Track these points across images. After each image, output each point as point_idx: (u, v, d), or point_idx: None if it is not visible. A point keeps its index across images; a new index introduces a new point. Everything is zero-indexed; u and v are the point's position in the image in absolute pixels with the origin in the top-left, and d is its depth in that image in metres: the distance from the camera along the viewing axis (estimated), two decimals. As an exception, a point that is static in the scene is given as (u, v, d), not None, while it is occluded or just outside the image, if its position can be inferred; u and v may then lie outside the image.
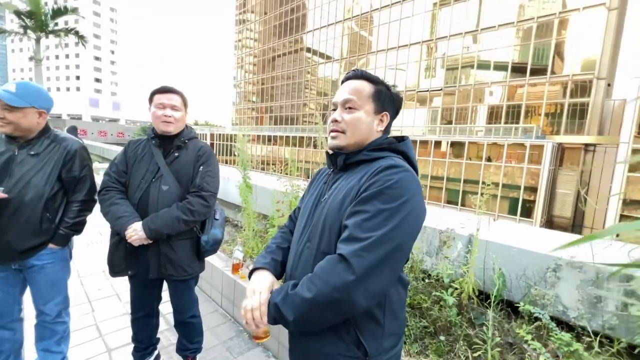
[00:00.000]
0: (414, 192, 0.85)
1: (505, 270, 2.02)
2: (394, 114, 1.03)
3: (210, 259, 2.84)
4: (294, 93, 38.42)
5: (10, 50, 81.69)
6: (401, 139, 1.01)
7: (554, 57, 19.39)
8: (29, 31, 14.28)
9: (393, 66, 27.78)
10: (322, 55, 34.91)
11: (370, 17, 29.64)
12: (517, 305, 1.84)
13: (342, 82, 1.04)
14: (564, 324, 1.77)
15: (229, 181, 4.63)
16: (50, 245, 1.64)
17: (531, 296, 1.88)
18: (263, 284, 0.94)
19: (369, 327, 0.90)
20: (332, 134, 1.01)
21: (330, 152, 1.04)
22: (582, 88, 18.49)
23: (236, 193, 3.55)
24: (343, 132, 0.98)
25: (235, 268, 2.62)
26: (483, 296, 2.08)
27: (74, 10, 15.16)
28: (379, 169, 0.87)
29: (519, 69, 20.84)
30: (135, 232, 1.51)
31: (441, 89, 24.69)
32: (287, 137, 32.98)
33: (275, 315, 0.86)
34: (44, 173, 1.59)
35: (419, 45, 25.83)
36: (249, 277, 1.01)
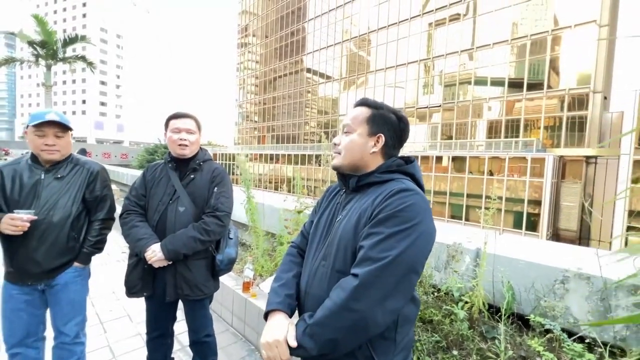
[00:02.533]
0: (425, 214, 0.91)
1: (514, 284, 2.04)
2: (394, 134, 1.07)
3: (220, 278, 2.87)
4: (295, 112, 39.11)
5: (19, 77, 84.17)
6: (409, 160, 1.08)
7: (549, 72, 19.82)
8: (40, 59, 14.83)
9: (392, 84, 28.40)
10: (322, 75, 35.79)
11: (367, 38, 30.59)
12: (528, 318, 1.86)
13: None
14: (575, 336, 1.78)
15: (236, 200, 4.70)
16: (75, 264, 1.71)
17: (541, 308, 1.90)
18: (279, 333, 0.93)
19: (382, 344, 0.93)
20: (333, 154, 1.11)
21: (340, 173, 1.11)
22: (579, 101, 18.78)
23: (242, 212, 3.62)
24: (339, 153, 1.08)
25: (246, 287, 2.65)
26: (493, 309, 2.10)
27: (84, 38, 15.82)
28: (391, 192, 0.93)
29: (515, 84, 21.25)
30: (154, 254, 1.57)
31: (440, 105, 25.11)
32: (289, 155, 33.31)
33: (299, 353, 0.90)
34: (70, 194, 1.67)
35: (416, 63, 26.49)
36: (265, 318, 1.02)
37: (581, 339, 1.74)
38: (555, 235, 18.79)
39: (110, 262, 4.25)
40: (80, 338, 1.80)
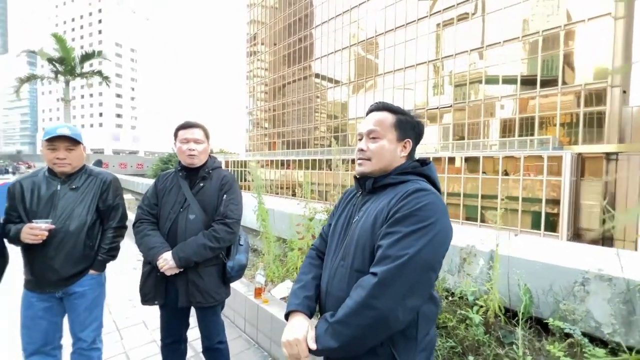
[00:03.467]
0: (441, 213, 0.93)
1: (531, 286, 1.98)
2: (417, 139, 1.11)
3: (232, 284, 2.89)
4: (305, 117, 39.35)
5: (41, 93, 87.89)
6: (425, 162, 1.09)
7: (563, 67, 19.31)
8: (59, 75, 15.45)
9: (401, 86, 28.25)
10: (330, 80, 35.95)
11: (375, 41, 30.60)
12: (546, 322, 1.79)
13: (367, 114, 1.15)
14: (597, 341, 1.71)
15: (246, 206, 4.74)
16: (91, 271, 1.76)
17: (560, 312, 1.83)
18: (299, 332, 0.95)
19: (402, 342, 0.94)
20: (359, 161, 1.10)
21: (358, 176, 1.13)
22: (597, 97, 18.19)
23: (253, 218, 3.64)
24: (369, 159, 1.08)
25: (258, 292, 2.65)
26: (510, 313, 2.04)
27: (100, 54, 16.41)
28: (407, 192, 0.95)
29: (528, 82, 20.79)
30: (166, 262, 1.60)
31: (451, 106, 24.79)
32: (300, 160, 33.45)
33: (323, 352, 0.92)
34: (85, 204, 1.73)
35: (425, 65, 26.29)
36: (286, 318, 1.05)
37: (604, 343, 1.67)
38: (577, 235, 18.12)
39: (127, 269, 4.34)
40: (97, 344, 1.84)
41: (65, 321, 1.79)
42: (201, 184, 1.77)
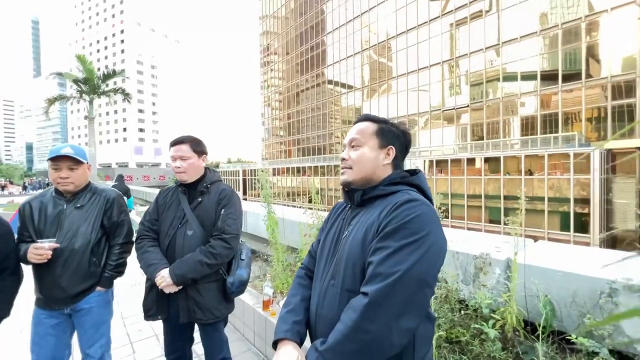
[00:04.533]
0: (433, 225, 0.87)
1: (552, 297, 1.83)
2: (402, 148, 1.08)
3: (241, 297, 2.87)
4: (320, 124, 39.54)
5: (70, 112, 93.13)
6: (414, 172, 1.05)
7: (587, 60, 18.45)
8: (84, 95, 16.29)
9: (415, 88, 27.89)
10: (344, 85, 36.04)
11: (387, 44, 30.47)
12: (569, 337, 1.65)
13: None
14: (630, 359, 1.55)
15: (259, 216, 4.74)
16: (98, 288, 1.78)
17: (586, 326, 1.68)
18: None
19: None
20: (342, 170, 1.08)
21: (346, 189, 1.09)
22: (626, 89, 17.20)
23: (264, 227, 3.63)
24: (350, 167, 1.05)
25: (266, 305, 2.62)
26: (529, 327, 1.89)
27: (121, 72, 17.23)
28: (397, 203, 0.90)
29: (549, 77, 19.99)
30: (163, 279, 1.59)
31: (468, 106, 24.18)
32: (316, 167, 33.54)
33: None
34: (89, 222, 1.76)
35: (439, 65, 25.87)
36: (274, 347, 1.00)
37: (637, 363, 1.51)
38: (611, 237, 17.03)
39: (142, 282, 4.42)
40: (105, 359, 1.85)
41: (75, 338, 1.82)
42: (199, 199, 1.76)
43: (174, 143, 1.79)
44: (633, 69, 16.81)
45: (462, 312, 2.01)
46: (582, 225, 16.70)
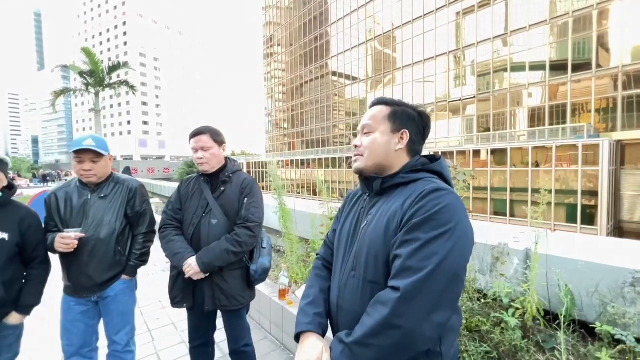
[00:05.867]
0: (461, 215, 0.85)
1: (573, 287, 1.84)
2: (418, 130, 1.03)
3: (257, 286, 2.90)
4: (323, 116, 39.32)
5: (74, 105, 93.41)
6: (434, 158, 1.01)
7: (597, 50, 18.06)
8: (89, 87, 16.31)
9: (420, 79, 27.56)
10: (347, 77, 35.69)
11: (392, 35, 30.01)
12: (593, 326, 1.65)
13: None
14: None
15: (268, 207, 4.77)
16: (123, 277, 1.82)
17: (609, 315, 1.68)
18: (313, 355, 0.88)
19: (426, 358, 0.87)
20: (354, 158, 1.06)
21: (363, 177, 1.06)
22: (636, 78, 16.86)
23: (275, 219, 3.65)
24: (362, 155, 1.03)
25: (282, 294, 2.65)
26: (550, 317, 1.90)
27: (125, 65, 17.18)
28: (422, 193, 0.86)
29: (558, 67, 19.61)
30: (191, 267, 1.61)
31: (474, 97, 23.87)
32: (320, 159, 33.48)
33: None
34: (114, 211, 1.78)
35: (445, 56, 25.48)
36: (296, 340, 0.98)
37: (662, 351, 1.51)
38: (618, 228, 16.92)
39: (157, 272, 4.49)
40: (130, 347, 1.90)
41: (101, 324, 1.86)
42: (222, 188, 1.77)
43: (195, 134, 1.79)
44: (645, 58, 16.44)
45: (482, 301, 2.02)
46: (590, 217, 16.59)
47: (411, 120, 1.01)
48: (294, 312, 2.43)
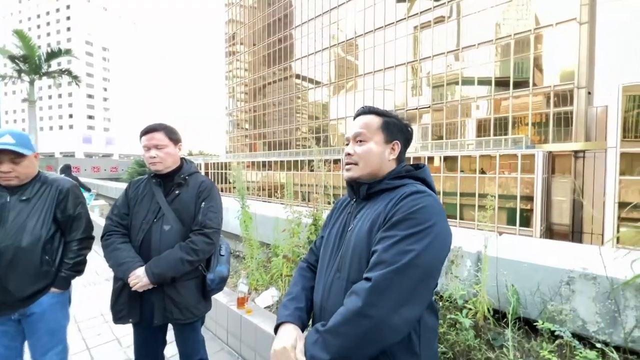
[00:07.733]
0: (439, 216, 0.88)
1: (519, 287, 1.98)
2: (405, 142, 1.08)
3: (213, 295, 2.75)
4: (286, 118, 39.09)
5: (4, 94, 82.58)
6: (418, 166, 1.06)
7: (533, 70, 20.20)
8: (23, 74, 14.51)
9: (380, 87, 28.62)
10: (311, 80, 35.90)
11: (355, 42, 30.84)
12: (535, 323, 1.79)
13: (354, 118, 1.11)
14: (585, 340, 1.72)
15: (228, 211, 4.57)
16: (52, 290, 1.59)
17: (548, 312, 1.83)
18: (287, 341, 0.90)
19: (405, 358, 0.88)
20: (347, 166, 1.06)
21: (348, 182, 1.08)
22: (564, 97, 19.15)
23: (235, 223, 3.50)
24: (356, 163, 1.04)
25: (241, 302, 2.53)
26: (499, 315, 2.03)
27: (68, 52, 15.54)
28: (403, 194, 0.91)
29: (502, 83, 21.60)
30: (139, 279, 1.46)
31: (429, 106, 25.35)
32: (282, 161, 33.18)
33: None
34: (38, 216, 1.55)
35: (404, 66, 26.77)
36: (275, 332, 0.99)
37: (592, 344, 1.68)
38: (549, 230, 18.97)
39: (99, 281, 4.08)
40: (62, 369, 1.67)
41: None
42: (177, 192, 1.63)
43: (147, 131, 1.63)
44: (571, 80, 18.73)
45: (439, 303, 2.10)
46: (526, 220, 18.40)
47: (401, 132, 1.06)
48: (253, 321, 2.33)
